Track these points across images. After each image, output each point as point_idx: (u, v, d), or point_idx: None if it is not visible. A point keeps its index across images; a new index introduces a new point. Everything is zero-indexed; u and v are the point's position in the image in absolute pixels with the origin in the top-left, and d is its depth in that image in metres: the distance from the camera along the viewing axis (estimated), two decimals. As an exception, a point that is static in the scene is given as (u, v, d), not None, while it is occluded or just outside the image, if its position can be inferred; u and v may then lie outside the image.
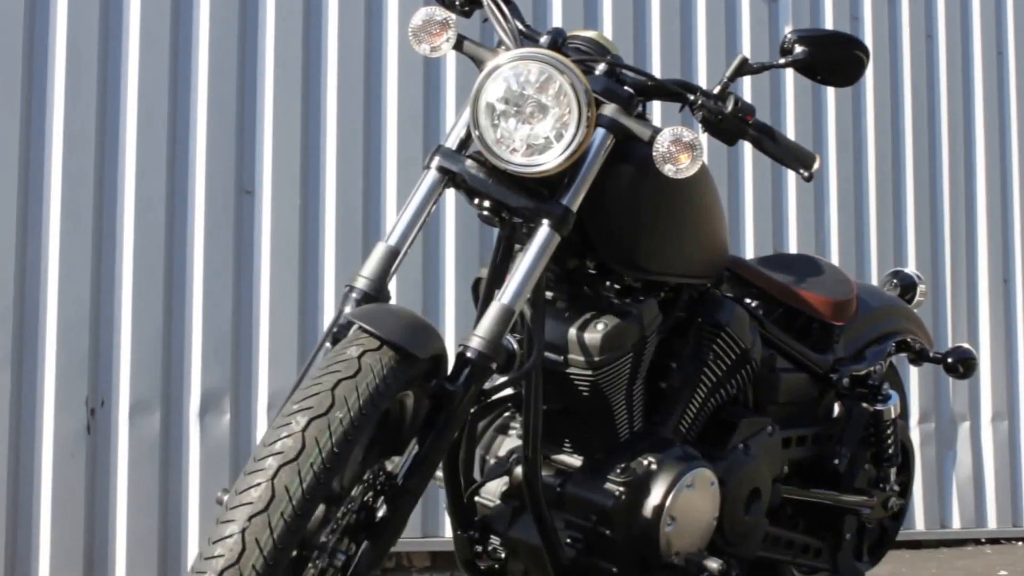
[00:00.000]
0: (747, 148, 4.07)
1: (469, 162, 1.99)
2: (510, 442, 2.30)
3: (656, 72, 3.97)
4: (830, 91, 4.35)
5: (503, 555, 2.21)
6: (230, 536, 1.53)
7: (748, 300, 2.55)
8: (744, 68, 2.08)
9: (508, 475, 2.22)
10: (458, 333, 3.56)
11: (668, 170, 1.95)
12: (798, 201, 4.28)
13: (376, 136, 3.62)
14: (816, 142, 4.34)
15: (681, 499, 2.15)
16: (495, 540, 2.22)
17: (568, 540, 2.16)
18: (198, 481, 3.31)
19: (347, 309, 1.88)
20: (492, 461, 2.29)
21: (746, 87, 4.15)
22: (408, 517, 1.80)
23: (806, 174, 2.07)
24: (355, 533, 1.74)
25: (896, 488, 2.76)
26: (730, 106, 2.05)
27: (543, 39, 2.05)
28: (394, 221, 1.99)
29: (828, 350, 2.64)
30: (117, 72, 3.33)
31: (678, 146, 1.94)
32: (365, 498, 1.77)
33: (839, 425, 2.67)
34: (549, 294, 2.17)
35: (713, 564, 2.18)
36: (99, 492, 3.24)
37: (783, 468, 2.50)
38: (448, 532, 2.75)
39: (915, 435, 4.35)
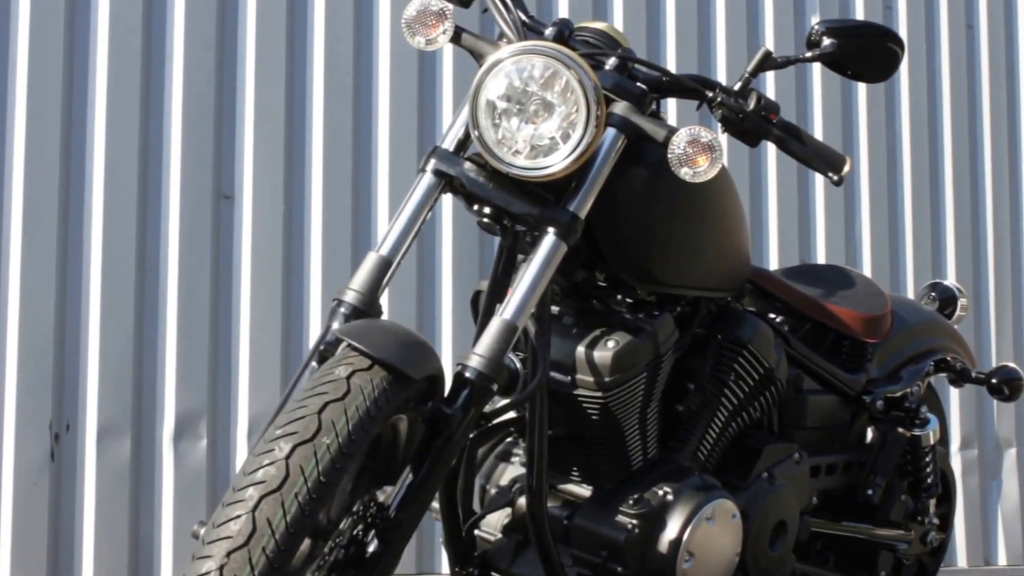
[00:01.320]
0: (771, 150, 4.08)
1: (468, 165, 1.99)
2: (513, 470, 2.30)
3: (671, 67, 3.98)
4: (861, 87, 4.35)
5: (505, 593, 2.21)
6: (207, 573, 1.54)
7: (772, 315, 2.55)
8: (767, 62, 2.09)
9: (511, 506, 2.22)
10: (456, 351, 3.57)
11: (685, 173, 1.95)
12: (826, 207, 4.29)
13: (366, 136, 3.63)
14: (846, 143, 4.35)
15: (700, 533, 2.15)
16: (496, 577, 2.22)
17: (576, 577, 2.17)
18: (172, 513, 3.31)
19: (335, 325, 1.89)
20: (493, 491, 2.29)
21: (769, 83, 4.16)
22: (401, 552, 1.81)
23: (835, 177, 2.07)
24: (343, 570, 1.75)
25: (935, 521, 2.76)
26: (752, 104, 2.06)
27: (548, 31, 2.06)
28: (386, 229, 2.00)
29: (860, 370, 2.65)
30: (84, 64, 3.34)
31: (696, 147, 1.95)
32: (355, 531, 1.77)
33: (873, 452, 2.67)
34: (555, 309, 2.18)
35: (735, 604, 2.18)
36: (64, 524, 3.24)
37: (811, 499, 2.50)
38: (445, 568, 2.75)
39: (956, 463, 4.34)
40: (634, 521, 2.13)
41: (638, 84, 2.07)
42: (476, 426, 1.90)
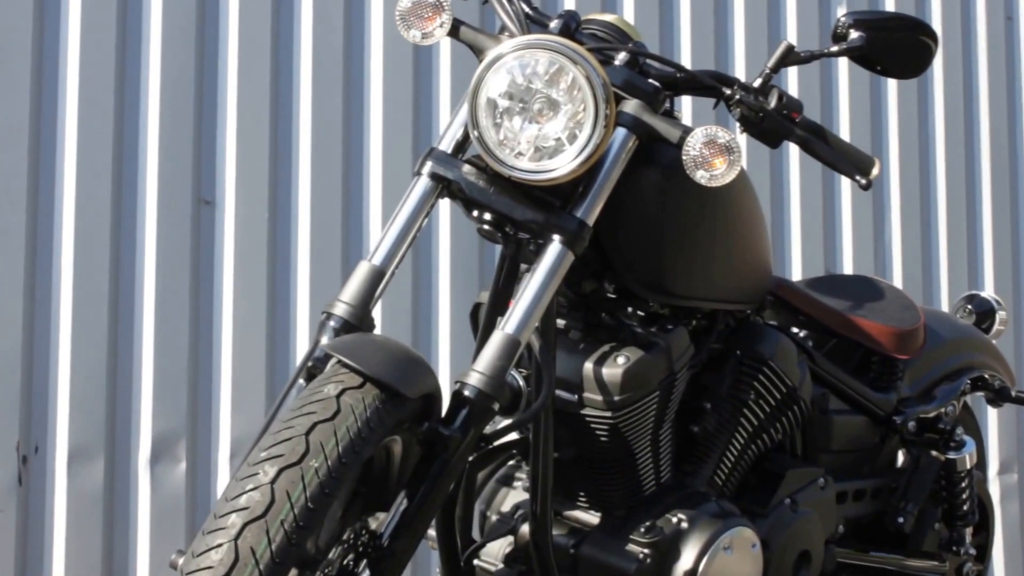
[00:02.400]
0: (793, 151, 4.08)
1: (467, 168, 2.01)
2: (515, 496, 2.31)
3: (686, 62, 3.99)
4: (892, 84, 4.36)
5: (507, 629, 2.22)
6: (186, 606, 1.54)
7: (795, 329, 2.56)
8: (790, 57, 2.10)
9: (513, 534, 2.23)
10: (454, 368, 3.57)
11: (701, 177, 1.96)
12: (854, 213, 4.30)
13: (358, 138, 3.64)
14: (875, 144, 4.35)
15: (717, 563, 2.15)
16: (497, 611, 2.22)
17: (583, 611, 2.17)
18: (148, 541, 3.31)
19: (324, 340, 1.90)
20: (494, 518, 2.30)
21: (792, 80, 4.17)
22: (395, 584, 1.81)
23: (863, 181, 2.08)
24: (333, 603, 1.75)
25: (972, 551, 2.77)
26: (773, 102, 2.07)
27: (553, 24, 2.07)
28: (379, 237, 2.01)
29: (890, 388, 2.65)
30: (54, 58, 3.35)
31: (712, 149, 1.96)
32: (345, 562, 1.78)
33: (904, 477, 2.68)
34: (561, 322, 2.19)
35: (755, 641, 2.19)
36: (32, 553, 3.24)
37: (838, 527, 2.51)
38: (442, 603, 2.75)
39: (994, 489, 4.34)
40: (646, 550, 2.13)
41: (650, 81, 2.08)
42: (476, 448, 1.91)
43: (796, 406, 2.39)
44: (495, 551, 2.25)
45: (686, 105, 3.82)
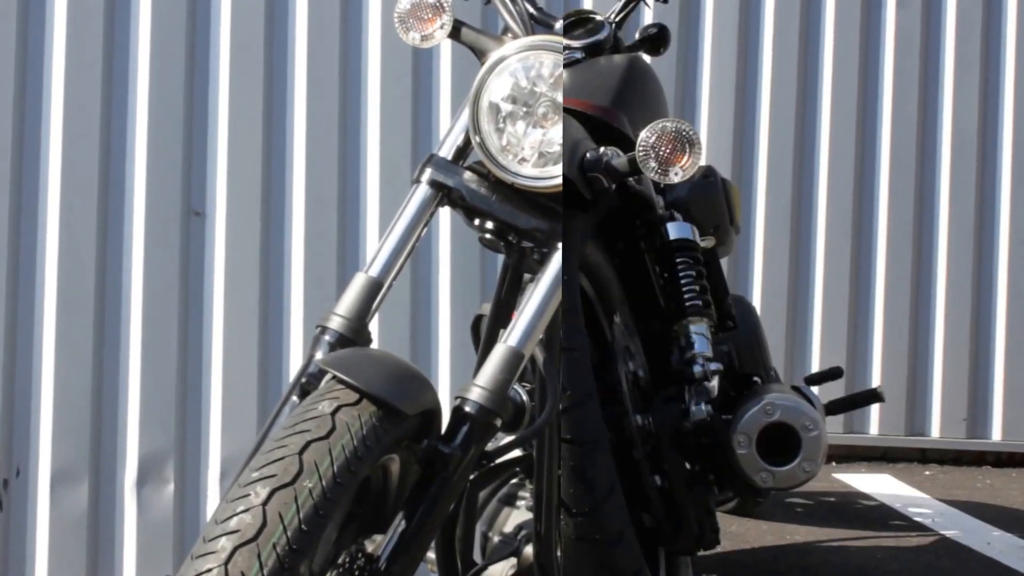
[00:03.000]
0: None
1: (468, 175, 2.00)
2: (518, 515, 2.30)
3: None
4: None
5: (510, 657, 2.21)
6: (174, 634, 1.54)
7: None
8: None
9: (516, 556, 2.23)
10: (454, 383, 3.57)
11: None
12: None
13: (354, 144, 3.64)
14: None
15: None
16: (500, 638, 2.22)
17: (590, 639, 2.17)
18: (135, 566, 3.31)
19: (318, 355, 1.90)
20: (496, 539, 2.30)
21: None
22: (393, 610, 1.80)
23: None
24: (328, 629, 1.75)
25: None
26: None
27: (558, 25, 2.07)
28: (376, 247, 2.00)
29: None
30: (39, 65, 3.36)
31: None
32: (340, 586, 1.77)
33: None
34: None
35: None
36: (13, 581, 3.24)
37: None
38: (442, 630, 2.74)
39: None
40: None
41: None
42: (477, 466, 1.90)
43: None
44: (497, 574, 2.25)
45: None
